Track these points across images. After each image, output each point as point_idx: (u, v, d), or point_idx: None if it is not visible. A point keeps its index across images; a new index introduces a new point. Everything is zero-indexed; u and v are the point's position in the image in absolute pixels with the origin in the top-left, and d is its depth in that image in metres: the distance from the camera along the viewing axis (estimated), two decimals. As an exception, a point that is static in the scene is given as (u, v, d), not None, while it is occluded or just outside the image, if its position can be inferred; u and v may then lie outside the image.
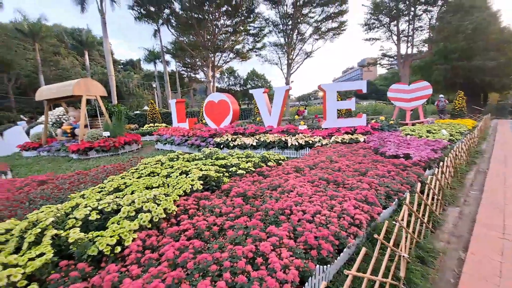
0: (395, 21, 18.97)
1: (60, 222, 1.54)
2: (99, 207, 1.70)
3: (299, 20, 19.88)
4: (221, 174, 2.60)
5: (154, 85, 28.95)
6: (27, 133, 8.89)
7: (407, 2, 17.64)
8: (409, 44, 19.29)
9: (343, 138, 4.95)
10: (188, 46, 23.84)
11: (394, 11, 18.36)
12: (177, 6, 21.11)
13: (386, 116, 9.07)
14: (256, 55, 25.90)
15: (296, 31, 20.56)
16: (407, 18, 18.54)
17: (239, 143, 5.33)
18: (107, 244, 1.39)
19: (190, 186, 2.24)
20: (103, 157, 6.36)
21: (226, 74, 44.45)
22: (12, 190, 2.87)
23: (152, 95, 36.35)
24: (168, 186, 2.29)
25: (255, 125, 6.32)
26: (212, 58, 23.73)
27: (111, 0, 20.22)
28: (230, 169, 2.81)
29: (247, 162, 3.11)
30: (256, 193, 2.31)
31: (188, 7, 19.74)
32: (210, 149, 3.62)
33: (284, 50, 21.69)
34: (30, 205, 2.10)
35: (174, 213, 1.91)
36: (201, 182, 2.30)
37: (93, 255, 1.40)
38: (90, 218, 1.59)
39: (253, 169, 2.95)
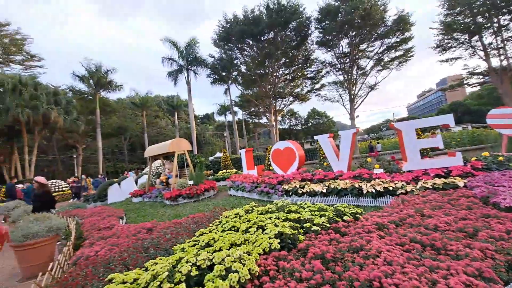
0: (477, 36, 16.37)
1: (170, 275, 1.89)
2: (197, 263, 1.99)
3: (357, 57, 19.80)
4: (296, 231, 2.62)
5: (225, 134, 32.78)
6: (136, 182, 11.35)
7: (487, 15, 15.24)
8: (502, 57, 15.92)
9: (435, 183, 4.20)
10: (252, 97, 26.70)
11: (472, 26, 16.04)
12: (242, 68, 24.75)
13: (492, 145, 7.23)
14: (316, 95, 26.45)
15: (356, 66, 20.35)
16: (491, 30, 15.78)
17: (308, 190, 5.26)
18: (206, 303, 1.59)
19: (269, 245, 2.35)
20: (188, 203, 7.36)
21: (287, 116, 46.39)
22: (129, 236, 3.67)
23: (223, 142, 40.89)
24: (248, 243, 2.47)
25: (323, 170, 6.18)
26: (274, 104, 25.57)
27: (194, 73, 25.53)
28: (304, 225, 2.80)
29: (320, 217, 3.04)
30: (335, 256, 2.20)
31: (252, 66, 22.81)
32: (283, 201, 3.74)
33: (344, 87, 21.45)
34: (144, 253, 2.63)
35: (257, 274, 2.02)
36: (278, 240, 2.39)
37: (195, 312, 1.61)
38: (191, 273, 1.88)
39: (328, 225, 2.84)
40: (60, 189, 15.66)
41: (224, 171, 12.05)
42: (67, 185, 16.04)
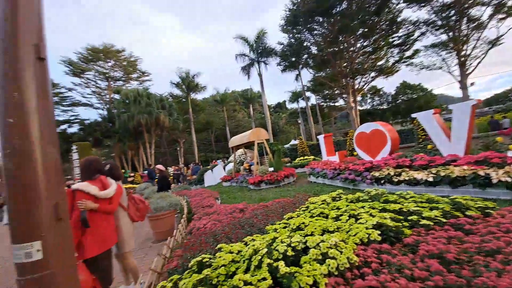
0: None
1: (269, 252, 2.05)
2: (292, 245, 2.07)
3: (466, 5, 14.83)
4: (400, 224, 2.29)
5: (299, 121, 32.32)
6: (224, 169, 12.93)
7: None
8: None
9: None
10: (326, 79, 24.92)
11: None
12: (313, 49, 23.27)
13: None
14: (406, 65, 21.99)
15: (465, 19, 15.33)
16: None
17: (407, 178, 4.50)
18: (306, 283, 1.63)
19: (367, 235, 2.17)
20: (270, 188, 7.78)
21: (369, 95, 40.84)
22: (226, 214, 4.22)
23: (297, 129, 40.49)
24: (341, 231, 2.36)
25: (426, 154, 5.11)
26: (352, 83, 23.04)
27: (265, 64, 26.03)
28: (409, 217, 2.42)
29: (431, 209, 2.54)
30: (459, 257, 1.79)
31: (324, 46, 21.11)
32: (376, 189, 3.36)
33: (449, 48, 16.69)
34: (242, 230, 2.95)
35: (356, 264, 1.91)
36: (378, 231, 2.16)
37: (296, 289, 1.69)
38: (287, 253, 1.98)
39: (443, 220, 2.34)
40: (170, 175, 19.86)
41: (302, 158, 11.96)
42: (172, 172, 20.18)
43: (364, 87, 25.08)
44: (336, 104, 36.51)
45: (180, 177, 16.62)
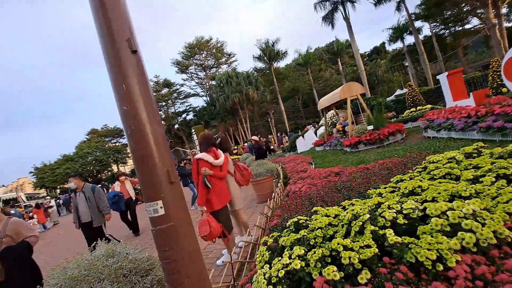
0: None
1: (373, 218, 1.80)
2: (404, 211, 1.72)
3: None
4: None
5: (406, 64, 25.75)
6: (315, 133, 12.53)
7: None
8: None
9: None
10: (448, -7, 17.84)
11: None
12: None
13: None
14: None
15: None
16: None
17: None
18: (427, 258, 1.32)
19: (530, 202, 1.47)
20: (370, 149, 6.87)
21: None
22: (321, 178, 4.09)
23: (405, 75, 32.68)
24: (483, 197, 1.72)
25: None
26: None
27: (352, 2, 21.62)
28: None
29: None
30: None
31: None
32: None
33: None
34: (339, 193, 2.76)
35: (509, 239, 1.36)
36: (557, 198, 1.41)
37: (410, 261, 1.41)
38: (397, 221, 1.66)
39: None
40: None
41: (413, 109, 9.61)
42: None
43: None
44: (466, 27, 25.87)
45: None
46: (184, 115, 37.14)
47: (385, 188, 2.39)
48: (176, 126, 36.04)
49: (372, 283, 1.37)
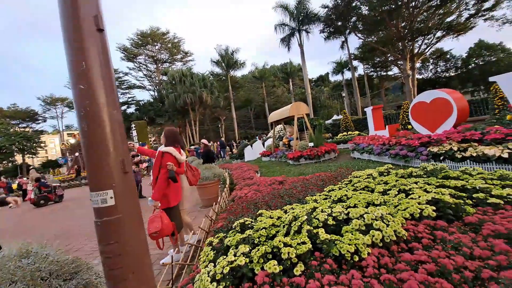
0: None
1: (309, 220, 2.07)
2: (333, 214, 2.04)
3: None
4: (461, 201, 2.02)
5: (343, 94, 29.94)
6: (263, 144, 13.14)
7: None
8: None
9: None
10: (378, 44, 21.97)
11: None
12: (364, 9, 20.40)
13: None
14: (485, 19, 17.79)
15: None
16: None
17: (474, 154, 3.86)
18: (347, 251, 1.62)
19: (419, 211, 1.99)
20: (309, 163, 7.66)
21: (431, 61, 34.85)
22: (266, 185, 4.35)
23: (340, 104, 37.77)
24: (388, 205, 2.21)
25: (504, 127, 4.24)
26: (410, 47, 19.89)
27: (306, 32, 24.12)
28: (474, 195, 2.10)
29: (503, 187, 2.16)
30: (541, 240, 1.51)
31: (377, 3, 18.29)
32: (433, 164, 2.98)
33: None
34: (281, 199, 3.02)
35: (404, 238, 1.79)
36: (433, 207, 1.95)
37: (335, 255, 1.69)
38: (328, 222, 1.97)
39: (521, 199, 1.97)
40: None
41: (345, 133, 11.25)
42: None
43: (426, 51, 21.38)
44: (389, 73, 32.27)
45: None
46: (124, 107, 33.27)
47: (319, 195, 2.76)
48: (113, 118, 31.95)
49: (305, 275, 1.59)
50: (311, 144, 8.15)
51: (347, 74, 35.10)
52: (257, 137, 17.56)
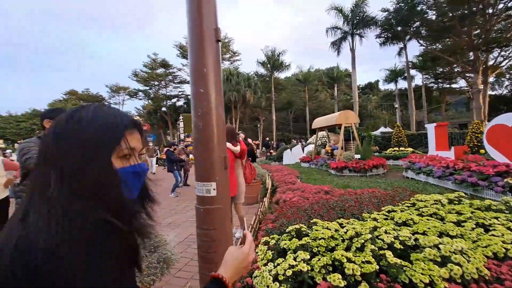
0: None
1: (372, 239, 2.00)
2: (400, 238, 1.94)
3: None
4: None
5: (395, 105, 27.56)
6: (303, 149, 12.94)
7: None
8: None
9: None
10: (444, 52, 19.66)
11: None
12: (430, 14, 18.45)
13: None
14: None
15: None
16: None
17: None
18: (421, 281, 1.53)
19: (504, 250, 1.76)
20: (354, 176, 7.29)
21: (508, 76, 29.80)
22: (311, 193, 4.30)
23: (391, 115, 34.87)
24: (465, 239, 2.00)
25: None
26: (483, 59, 17.35)
27: (360, 37, 22.87)
28: None
29: None
30: None
31: (446, 8, 16.35)
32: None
33: None
34: (333, 211, 2.97)
35: (486, 277, 1.61)
36: (526, 250, 1.71)
37: (404, 282, 1.61)
38: (394, 245, 1.88)
39: None
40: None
41: (396, 148, 10.37)
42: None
43: (503, 64, 18.32)
44: (453, 85, 28.53)
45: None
46: (174, 100, 36.21)
47: (378, 214, 2.63)
48: (164, 109, 34.98)
49: (370, 295, 1.55)
50: (357, 156, 7.74)
51: (401, 84, 32.19)
52: (295, 141, 17.35)
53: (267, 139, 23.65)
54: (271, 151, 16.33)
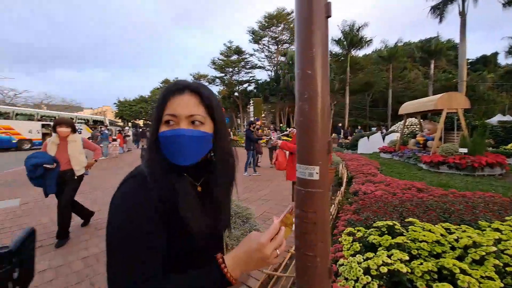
0: None
1: (498, 253, 1.63)
2: (546, 260, 1.49)
3: None
4: None
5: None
6: (383, 138, 11.43)
7: None
8: None
9: None
10: None
11: None
12: None
13: None
14: None
15: None
16: None
17: None
18: None
19: None
20: (455, 174, 5.98)
21: None
22: (399, 188, 3.80)
23: (516, 98, 26.23)
24: None
25: None
26: None
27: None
28: None
29: None
30: None
31: None
32: None
33: None
34: (433, 212, 2.55)
35: None
36: None
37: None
38: (536, 268, 1.46)
39: None
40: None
41: (525, 144, 7.75)
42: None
43: None
44: None
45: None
46: (245, 85, 38.01)
47: (501, 224, 2.09)
48: (236, 94, 37.34)
49: (495, 318, 1.29)
50: (463, 150, 6.24)
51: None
52: (375, 128, 15.35)
53: (340, 125, 21.97)
54: (349, 137, 15.02)
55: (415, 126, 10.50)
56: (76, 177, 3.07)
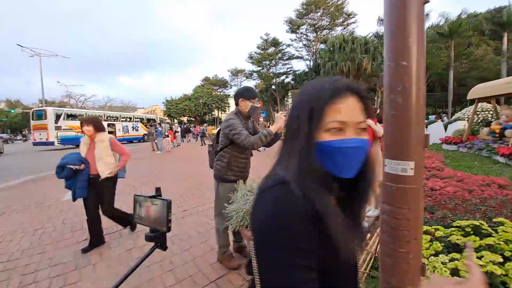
0: None
1: None
2: None
3: None
4: None
5: None
6: (445, 128, 10.12)
7: None
8: None
9: None
10: None
11: None
12: None
13: None
14: None
15: None
16: None
17: None
18: None
19: None
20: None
21: None
22: (479, 185, 3.40)
23: None
24: None
25: None
26: None
27: None
28: None
29: None
30: None
31: None
32: None
33: None
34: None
35: None
36: None
37: None
38: None
39: None
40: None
41: None
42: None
43: None
44: None
45: None
46: (283, 77, 37.43)
47: None
48: (273, 86, 37.09)
49: None
50: (559, 140, 5.16)
51: None
52: (434, 116, 13.55)
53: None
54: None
55: (486, 112, 9.01)
56: (107, 181, 2.75)
